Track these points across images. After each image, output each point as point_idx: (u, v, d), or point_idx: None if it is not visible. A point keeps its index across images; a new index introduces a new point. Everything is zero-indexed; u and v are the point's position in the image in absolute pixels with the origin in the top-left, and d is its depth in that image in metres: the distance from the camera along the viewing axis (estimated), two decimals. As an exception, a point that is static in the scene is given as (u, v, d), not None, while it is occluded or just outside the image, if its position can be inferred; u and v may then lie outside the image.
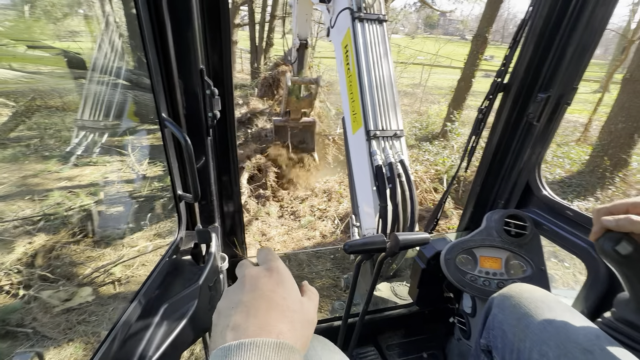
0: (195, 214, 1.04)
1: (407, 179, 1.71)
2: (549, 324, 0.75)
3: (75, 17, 7.28)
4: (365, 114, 1.79)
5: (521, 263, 1.19)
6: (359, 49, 1.86)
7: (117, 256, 3.27)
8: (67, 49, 6.25)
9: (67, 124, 5.35)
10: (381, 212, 1.67)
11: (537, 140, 1.22)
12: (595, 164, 5.62)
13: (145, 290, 0.79)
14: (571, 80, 1.11)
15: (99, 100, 5.09)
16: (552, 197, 1.22)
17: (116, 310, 2.67)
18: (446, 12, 17.27)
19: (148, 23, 0.73)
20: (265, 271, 0.45)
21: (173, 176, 0.92)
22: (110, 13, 5.66)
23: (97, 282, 2.95)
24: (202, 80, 0.87)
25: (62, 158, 4.86)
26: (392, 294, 1.79)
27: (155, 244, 3.57)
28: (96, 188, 4.28)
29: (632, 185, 5.42)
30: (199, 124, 0.94)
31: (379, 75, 1.87)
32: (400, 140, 1.84)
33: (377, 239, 0.95)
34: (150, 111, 5.90)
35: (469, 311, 1.27)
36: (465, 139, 6.99)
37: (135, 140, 5.64)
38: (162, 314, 0.76)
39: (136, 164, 5.02)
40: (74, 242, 3.31)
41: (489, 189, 1.46)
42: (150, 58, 0.76)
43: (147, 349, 0.70)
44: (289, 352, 0.35)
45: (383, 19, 1.97)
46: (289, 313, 0.40)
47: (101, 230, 3.60)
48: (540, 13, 1.11)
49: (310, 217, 4.73)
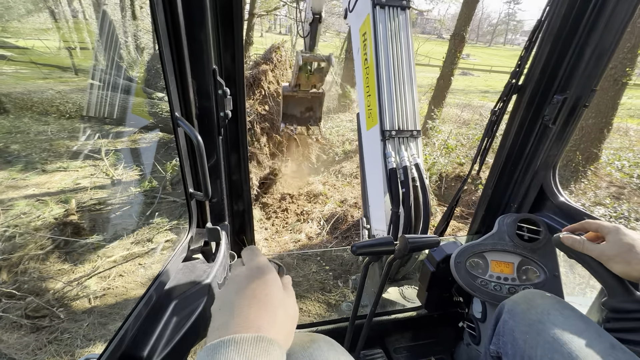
0: (205, 212, 1.06)
1: (422, 184, 1.63)
2: (561, 332, 0.73)
3: (42, 14, 6.70)
4: (382, 112, 1.66)
5: (534, 269, 1.16)
6: (379, 38, 1.68)
7: (91, 268, 3.02)
8: (32, 47, 5.97)
9: (37, 128, 5.01)
10: (392, 217, 1.61)
11: (552, 143, 1.20)
12: (569, 158, 5.75)
13: (156, 286, 0.80)
14: (590, 82, 1.08)
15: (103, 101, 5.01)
16: (568, 202, 1.19)
17: (91, 326, 2.47)
18: (424, 12, 17.08)
19: (163, 24, 0.75)
20: (248, 270, 0.49)
21: (185, 174, 0.94)
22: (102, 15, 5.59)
23: (69, 296, 2.71)
24: (214, 80, 0.88)
25: (27, 164, 4.51)
26: (400, 297, 1.77)
27: (133, 252, 3.30)
28: (67, 195, 3.93)
29: (602, 177, 5.64)
30: (210, 124, 0.95)
31: (399, 69, 1.71)
32: (416, 141, 1.73)
33: (385, 240, 0.94)
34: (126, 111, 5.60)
35: (479, 316, 1.25)
36: (445, 136, 6.96)
37: (110, 144, 5.30)
38: (172, 310, 0.78)
39: (111, 169, 4.71)
40: (43, 254, 3.05)
41: (501, 192, 1.43)
42: (164, 58, 0.78)
43: (157, 344, 0.71)
44: (267, 345, 0.37)
45: (407, 5, 1.77)
46: (270, 308, 0.43)
47: (74, 241, 3.31)
48: (558, 13, 1.09)
49: (296, 219, 4.69)
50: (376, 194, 1.79)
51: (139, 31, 6.79)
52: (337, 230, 4.40)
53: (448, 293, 1.37)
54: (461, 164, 6.12)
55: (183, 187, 0.96)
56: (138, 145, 5.45)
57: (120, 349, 0.66)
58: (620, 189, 5.38)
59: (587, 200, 5.14)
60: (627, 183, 5.47)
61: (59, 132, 5.30)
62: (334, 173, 6.29)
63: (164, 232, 3.69)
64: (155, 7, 0.71)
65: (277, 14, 15.86)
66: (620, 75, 5.09)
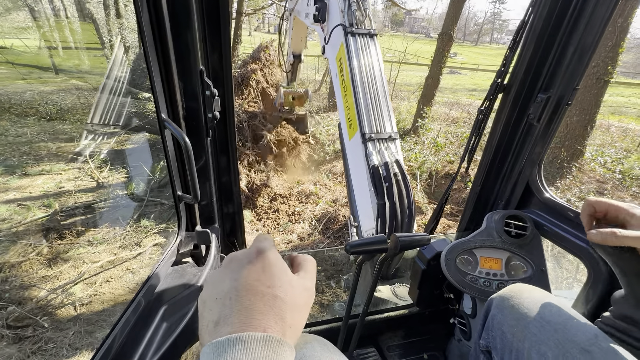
0: (195, 215, 1.04)
1: (403, 177, 1.76)
2: (547, 324, 0.75)
3: (21, 12, 6.39)
4: (360, 118, 1.87)
5: (521, 264, 1.19)
6: (352, 59, 1.97)
7: (76, 274, 2.90)
8: (10, 47, 5.65)
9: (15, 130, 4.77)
10: (379, 210, 1.70)
11: (537, 141, 1.22)
12: (554, 155, 5.90)
13: (144, 291, 0.79)
14: (572, 81, 1.10)
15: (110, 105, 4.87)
16: (553, 198, 1.22)
17: (77, 335, 2.38)
18: (412, 11, 17.51)
19: (148, 24, 0.73)
20: (249, 255, 0.43)
21: (173, 177, 0.92)
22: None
23: (53, 304, 2.60)
24: (201, 81, 0.87)
25: (7, 167, 4.33)
26: (392, 295, 1.79)
27: (120, 257, 3.21)
28: (50, 199, 3.78)
29: (586, 173, 5.79)
30: (198, 125, 0.94)
31: (372, 82, 1.97)
32: (395, 143, 1.91)
33: (378, 239, 0.94)
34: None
35: (470, 312, 1.26)
36: (435, 135, 7.07)
37: (95, 146, 5.13)
38: (161, 315, 0.76)
39: (96, 172, 4.53)
40: (25, 261, 2.92)
41: (489, 190, 1.46)
42: (149, 59, 0.76)
43: (147, 350, 0.70)
44: (277, 345, 0.35)
45: (374, 34, 2.11)
46: (276, 303, 0.39)
47: (57, 246, 3.19)
48: (540, 13, 1.11)
49: (287, 220, 4.68)
50: (362, 193, 1.89)
51: (123, 30, 6.61)
52: (328, 230, 4.40)
53: (439, 290, 1.39)
54: (451, 162, 6.21)
55: (171, 190, 0.94)
56: (123, 147, 5.31)
57: (109, 357, 0.64)
58: (602, 184, 5.55)
59: (572, 195, 5.28)
60: (609, 178, 5.65)
61: (40, 134, 5.11)
62: (325, 172, 6.29)
63: (152, 235, 3.60)
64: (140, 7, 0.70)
65: (266, 13, 15.76)
66: (603, 74, 5.23)
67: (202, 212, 1.09)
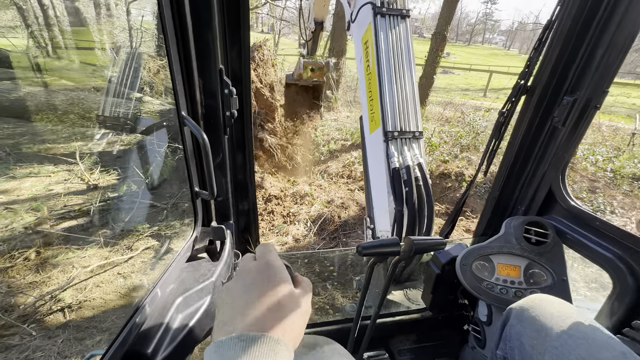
0: (211, 211, 1.06)
1: (425, 183, 1.65)
2: (570, 337, 0.72)
3: (8, 10, 6.08)
4: (384, 114, 1.72)
5: (541, 272, 1.15)
6: (380, 45, 1.77)
7: (65, 279, 2.76)
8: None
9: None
10: (396, 216, 1.63)
11: (561, 145, 1.18)
12: None
13: (161, 284, 0.81)
14: (601, 83, 1.05)
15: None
16: (578, 206, 1.17)
17: (67, 342, 2.29)
18: None
19: (171, 24, 0.75)
20: (258, 266, 0.49)
21: (190, 173, 0.94)
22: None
23: (42, 311, 2.49)
24: (220, 80, 0.89)
25: None
26: (404, 298, 1.76)
27: (112, 261, 3.09)
28: (39, 203, 3.57)
29: (578, 171, 5.73)
30: (216, 123, 0.95)
31: (400, 73, 1.79)
32: (418, 142, 1.77)
33: (391, 241, 0.93)
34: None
35: (485, 319, 1.23)
36: (429, 134, 6.92)
37: (84, 146, 4.84)
38: (176, 308, 0.78)
39: (86, 173, 4.29)
40: (11, 266, 2.78)
41: (508, 195, 1.42)
42: (171, 58, 0.78)
43: (161, 341, 0.72)
44: (274, 345, 0.38)
45: (406, 14, 1.86)
46: (279, 307, 0.44)
47: (46, 251, 3.04)
48: (569, 12, 1.07)
49: (282, 221, 4.61)
50: (380, 194, 1.80)
51: (114, 29, 6.66)
52: (324, 232, 4.34)
53: (453, 295, 1.36)
54: (445, 161, 6.05)
55: (189, 186, 0.97)
56: (114, 148, 5.27)
57: (125, 346, 0.66)
58: (594, 182, 5.47)
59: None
60: (601, 177, 5.57)
61: (28, 135, 5.06)
62: (320, 173, 6.24)
63: (144, 238, 3.50)
64: (163, 8, 0.72)
65: (259, 12, 15.66)
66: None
67: (217, 208, 1.11)
